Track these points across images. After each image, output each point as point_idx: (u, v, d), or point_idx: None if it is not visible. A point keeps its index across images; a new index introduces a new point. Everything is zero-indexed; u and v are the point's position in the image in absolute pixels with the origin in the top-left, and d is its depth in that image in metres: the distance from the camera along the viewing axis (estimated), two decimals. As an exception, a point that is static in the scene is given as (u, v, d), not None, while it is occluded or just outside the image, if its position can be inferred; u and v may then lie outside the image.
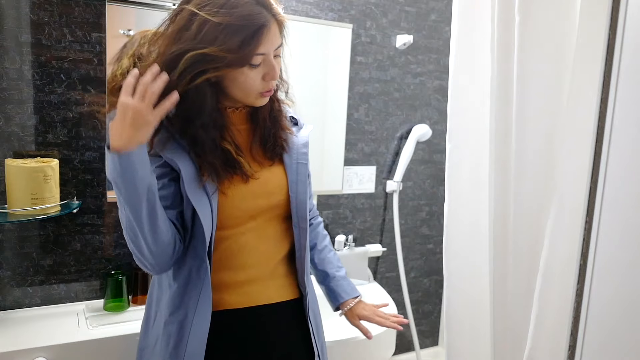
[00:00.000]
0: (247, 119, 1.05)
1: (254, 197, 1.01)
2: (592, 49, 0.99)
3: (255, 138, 1.04)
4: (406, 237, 2.19)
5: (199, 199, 0.93)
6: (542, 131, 1.14)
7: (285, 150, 1.06)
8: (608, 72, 0.97)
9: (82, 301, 1.55)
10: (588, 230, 1.03)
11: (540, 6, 1.11)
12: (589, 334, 1.03)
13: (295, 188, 1.05)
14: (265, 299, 1.05)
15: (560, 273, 1.09)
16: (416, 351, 2.12)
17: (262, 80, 0.94)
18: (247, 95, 0.95)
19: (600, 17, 0.97)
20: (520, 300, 1.22)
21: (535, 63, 1.13)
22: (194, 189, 0.92)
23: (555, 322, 1.10)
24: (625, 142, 0.95)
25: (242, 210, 1.00)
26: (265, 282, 1.05)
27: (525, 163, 1.17)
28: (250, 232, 1.02)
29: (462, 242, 1.43)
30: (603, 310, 1.00)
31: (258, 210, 1.02)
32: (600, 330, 1.01)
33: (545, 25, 1.11)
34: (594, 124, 1.00)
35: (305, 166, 1.08)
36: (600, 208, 1.00)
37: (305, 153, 1.09)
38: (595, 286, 1.01)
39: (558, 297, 1.10)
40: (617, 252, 0.98)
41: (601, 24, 0.97)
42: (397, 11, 1.98)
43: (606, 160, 0.98)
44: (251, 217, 1.02)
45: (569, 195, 1.07)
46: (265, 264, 1.05)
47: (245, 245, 1.02)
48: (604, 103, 0.99)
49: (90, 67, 1.47)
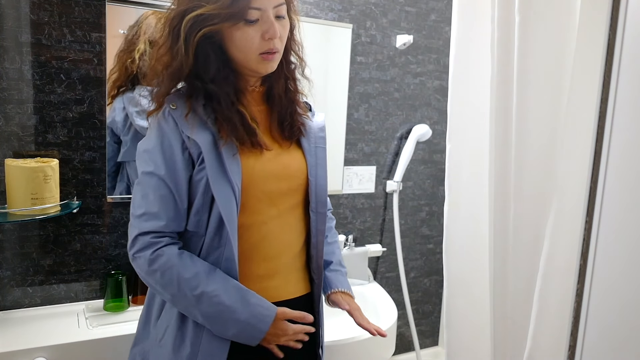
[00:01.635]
0: (263, 100, 1.05)
1: (277, 179, 1.00)
2: (592, 49, 0.99)
3: (272, 118, 1.04)
4: (406, 237, 2.19)
5: (220, 179, 0.92)
6: (542, 131, 1.14)
7: (302, 133, 1.06)
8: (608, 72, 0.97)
9: (82, 301, 1.55)
10: (588, 230, 1.03)
11: (540, 6, 1.11)
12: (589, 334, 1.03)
13: (314, 172, 1.04)
14: (285, 294, 1.03)
15: (560, 273, 1.09)
16: (416, 351, 2.12)
17: (261, 39, 0.93)
18: (247, 57, 0.94)
19: (600, 17, 0.97)
20: (520, 300, 1.22)
21: (535, 63, 1.13)
22: (215, 169, 0.93)
23: (555, 322, 1.10)
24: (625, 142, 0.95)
25: (265, 192, 0.98)
26: (286, 275, 1.04)
27: (525, 163, 1.17)
28: (273, 220, 1.00)
29: (462, 242, 1.43)
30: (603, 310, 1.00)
31: (279, 194, 1.01)
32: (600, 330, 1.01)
33: (545, 25, 1.11)
34: (594, 124, 1.00)
35: (323, 150, 1.07)
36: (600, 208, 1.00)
37: (323, 137, 1.09)
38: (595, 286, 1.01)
39: (558, 297, 1.10)
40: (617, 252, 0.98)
41: (601, 24, 0.97)
42: (397, 11, 1.98)
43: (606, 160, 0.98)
44: (273, 202, 1.00)
45: (569, 195, 1.07)
46: (286, 256, 1.03)
47: (268, 234, 1.00)
48: (604, 103, 0.98)
49: (90, 67, 1.47)
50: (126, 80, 1.50)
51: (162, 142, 0.94)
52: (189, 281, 0.91)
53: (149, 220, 0.93)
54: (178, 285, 0.91)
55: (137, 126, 1.51)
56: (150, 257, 0.92)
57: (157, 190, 0.93)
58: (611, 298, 0.99)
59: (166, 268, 0.92)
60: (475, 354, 1.44)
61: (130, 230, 0.95)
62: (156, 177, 0.93)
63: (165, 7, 1.47)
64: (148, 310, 1.06)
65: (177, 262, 0.92)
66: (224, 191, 0.92)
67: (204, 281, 0.92)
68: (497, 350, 1.31)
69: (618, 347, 0.98)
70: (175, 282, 0.91)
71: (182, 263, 0.93)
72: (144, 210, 0.93)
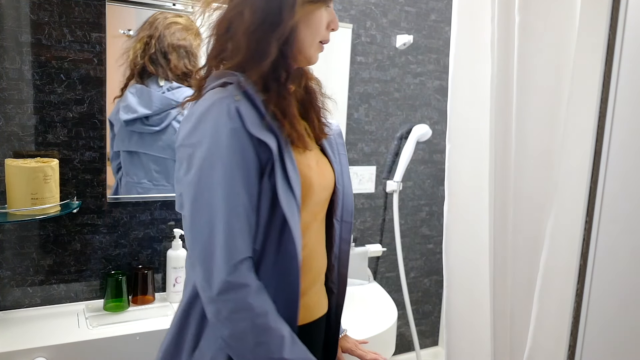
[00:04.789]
0: (295, 99, 0.96)
1: (322, 189, 0.93)
2: (592, 49, 1.00)
3: (304, 116, 0.97)
4: (406, 237, 2.19)
5: (286, 191, 0.81)
6: (542, 131, 1.14)
7: (325, 132, 0.98)
8: (608, 72, 0.97)
9: (82, 301, 1.55)
10: (588, 230, 1.03)
11: (540, 6, 1.11)
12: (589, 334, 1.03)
13: (341, 180, 0.99)
14: (318, 312, 0.97)
15: (560, 273, 1.09)
16: (416, 351, 2.12)
17: (325, 28, 0.90)
18: (312, 43, 0.88)
19: (600, 17, 0.97)
20: (520, 300, 1.22)
21: (535, 63, 1.13)
22: (281, 180, 0.81)
23: (555, 322, 1.11)
24: (625, 142, 0.95)
25: (316, 203, 0.91)
26: (317, 289, 0.97)
27: (525, 163, 1.17)
28: (314, 233, 0.93)
29: (462, 242, 1.43)
30: (603, 310, 1.00)
31: (321, 204, 0.94)
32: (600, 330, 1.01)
33: (545, 25, 1.11)
34: (594, 124, 1.00)
35: (346, 157, 1.02)
36: (600, 208, 1.00)
37: (342, 144, 1.04)
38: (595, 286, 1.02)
39: (558, 297, 1.10)
40: (617, 252, 0.98)
41: (601, 24, 0.97)
42: (397, 11, 1.98)
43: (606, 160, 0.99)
44: (315, 214, 0.93)
45: (569, 195, 1.07)
46: (320, 270, 0.97)
47: (312, 248, 0.93)
48: (604, 103, 0.99)
49: (90, 67, 1.47)
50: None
51: (234, 150, 0.78)
52: (270, 344, 0.78)
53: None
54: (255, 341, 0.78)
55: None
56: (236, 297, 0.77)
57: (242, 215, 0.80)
58: (611, 298, 0.99)
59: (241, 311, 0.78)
60: (475, 354, 1.44)
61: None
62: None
63: (165, 7, 1.46)
64: (179, 338, 0.88)
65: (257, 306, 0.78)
66: (291, 206, 0.80)
67: (289, 348, 0.79)
68: (497, 350, 1.31)
69: (618, 347, 0.98)
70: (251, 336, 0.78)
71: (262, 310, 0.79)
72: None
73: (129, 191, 1.55)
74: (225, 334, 0.78)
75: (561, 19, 1.09)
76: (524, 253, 1.20)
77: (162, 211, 1.62)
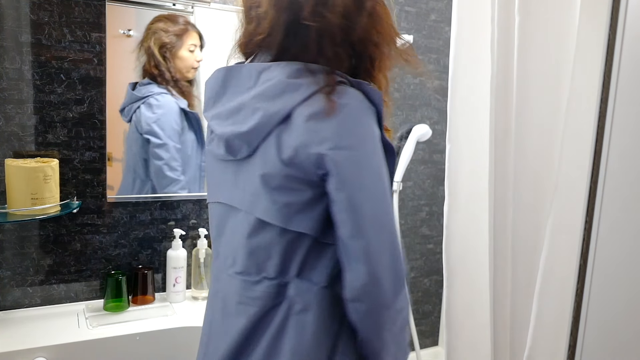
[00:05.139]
0: None
1: None
2: (592, 49, 1.00)
3: None
4: (406, 237, 2.19)
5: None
6: (542, 131, 1.14)
7: None
8: (608, 72, 0.97)
9: (82, 301, 1.55)
10: (588, 230, 1.03)
11: (540, 6, 1.11)
12: (589, 334, 1.03)
13: None
14: None
15: (560, 273, 1.09)
16: (416, 351, 2.12)
17: None
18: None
19: (600, 17, 0.98)
20: (520, 300, 1.22)
21: (535, 63, 1.13)
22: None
23: (555, 322, 1.11)
24: (625, 142, 0.95)
25: None
26: None
27: (525, 163, 1.17)
28: None
29: (462, 242, 1.43)
30: (603, 310, 1.00)
31: None
32: (600, 330, 1.01)
33: (545, 25, 1.11)
34: (594, 124, 1.00)
35: None
36: (600, 208, 1.00)
37: None
38: (595, 286, 1.02)
39: (558, 297, 1.10)
40: (617, 252, 0.98)
41: (601, 24, 0.97)
42: (397, 11, 1.98)
43: (606, 160, 0.99)
44: None
45: (569, 195, 1.07)
46: None
47: None
48: (604, 103, 0.99)
49: (90, 67, 1.47)
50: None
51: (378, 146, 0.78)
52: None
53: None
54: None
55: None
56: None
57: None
58: (611, 298, 0.99)
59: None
60: (475, 354, 1.44)
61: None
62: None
63: (165, 7, 1.46)
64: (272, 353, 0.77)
65: None
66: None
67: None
68: (497, 350, 1.32)
69: (618, 347, 0.98)
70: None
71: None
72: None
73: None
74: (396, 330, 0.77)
75: (561, 20, 1.09)
76: (524, 253, 1.20)
77: (162, 211, 1.62)
